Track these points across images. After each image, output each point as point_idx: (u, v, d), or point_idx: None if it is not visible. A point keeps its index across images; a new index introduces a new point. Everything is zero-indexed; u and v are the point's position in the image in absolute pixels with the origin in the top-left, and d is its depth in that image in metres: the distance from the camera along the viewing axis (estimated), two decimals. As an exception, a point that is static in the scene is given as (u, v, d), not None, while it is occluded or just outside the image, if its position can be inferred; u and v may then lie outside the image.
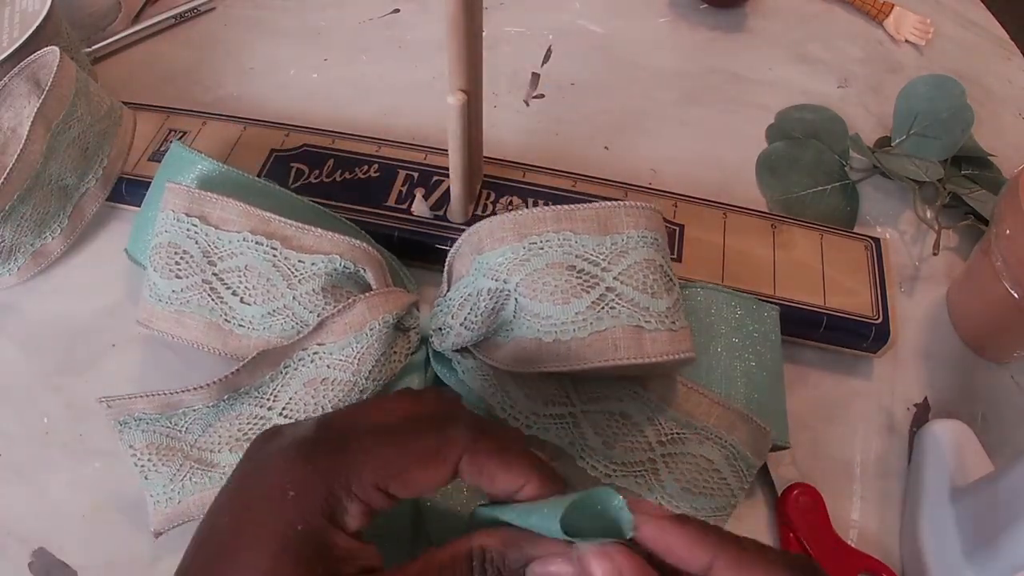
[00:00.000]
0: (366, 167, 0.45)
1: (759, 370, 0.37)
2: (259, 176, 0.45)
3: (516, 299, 0.32)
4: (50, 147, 0.41)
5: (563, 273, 0.31)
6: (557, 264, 0.32)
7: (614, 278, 0.32)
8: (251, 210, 0.36)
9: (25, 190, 0.41)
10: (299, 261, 0.35)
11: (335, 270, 0.35)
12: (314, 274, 0.35)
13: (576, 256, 0.32)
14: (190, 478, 0.34)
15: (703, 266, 0.42)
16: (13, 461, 0.38)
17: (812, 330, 0.41)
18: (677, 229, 0.44)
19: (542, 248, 0.32)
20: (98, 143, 0.44)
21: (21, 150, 0.40)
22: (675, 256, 0.43)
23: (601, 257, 0.32)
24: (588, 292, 0.31)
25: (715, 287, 0.39)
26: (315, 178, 0.45)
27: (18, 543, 0.36)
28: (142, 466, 0.34)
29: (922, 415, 0.42)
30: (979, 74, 0.59)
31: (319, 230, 0.36)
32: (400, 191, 0.44)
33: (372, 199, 0.44)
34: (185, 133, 0.47)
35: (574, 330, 0.31)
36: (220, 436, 0.34)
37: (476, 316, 0.33)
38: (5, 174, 0.40)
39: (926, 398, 0.43)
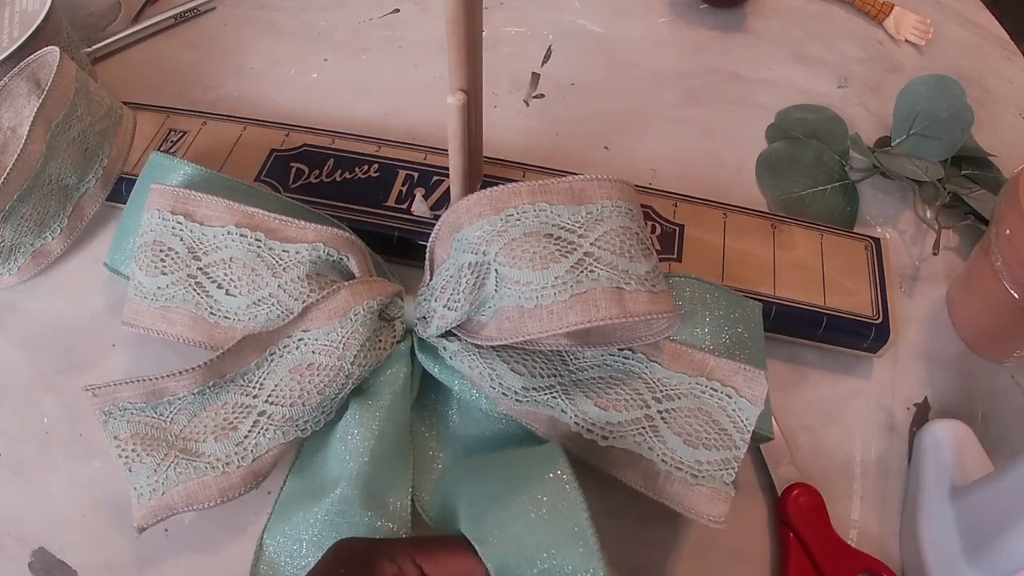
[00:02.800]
0: (366, 167, 0.45)
1: (743, 361, 0.37)
2: (259, 176, 0.45)
3: (496, 269, 0.32)
4: (50, 147, 0.41)
5: (541, 240, 0.32)
6: (534, 233, 0.32)
7: (591, 244, 0.32)
8: (235, 206, 0.36)
9: (25, 190, 0.41)
10: (283, 250, 0.36)
11: (319, 258, 0.36)
12: (298, 262, 0.36)
13: (552, 225, 0.32)
14: (174, 468, 0.34)
15: (703, 266, 0.42)
16: (13, 461, 0.38)
17: (812, 330, 0.41)
18: (677, 229, 0.44)
19: (519, 219, 0.32)
20: (98, 143, 0.44)
21: (21, 150, 0.40)
22: (675, 256, 0.43)
23: (577, 225, 0.32)
24: (566, 257, 0.32)
25: (697, 278, 0.39)
26: (315, 178, 0.45)
27: (18, 543, 0.36)
28: (126, 457, 0.34)
29: (922, 415, 0.42)
30: (979, 74, 0.59)
31: (302, 222, 0.36)
32: (400, 191, 0.44)
33: (372, 199, 0.44)
34: (185, 133, 0.47)
35: (555, 294, 0.31)
36: (206, 425, 0.34)
37: (459, 294, 0.34)
38: (5, 174, 0.40)
39: (926, 398, 0.43)
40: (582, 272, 0.31)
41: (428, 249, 0.36)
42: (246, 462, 0.34)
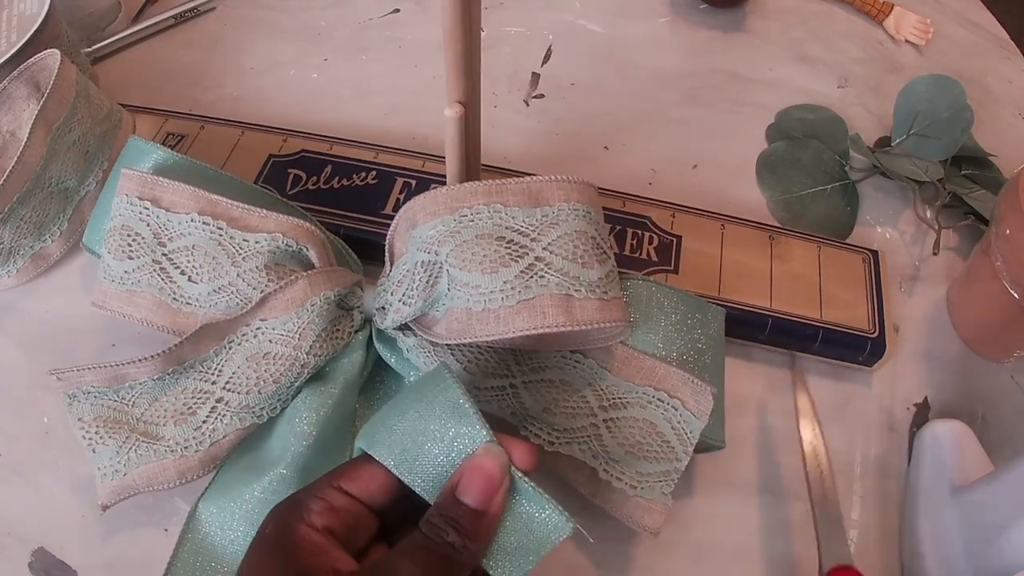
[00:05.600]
0: (364, 174, 0.45)
1: (697, 368, 0.37)
2: (256, 182, 0.44)
3: (447, 270, 0.32)
4: (51, 150, 0.42)
5: (492, 243, 0.32)
6: (486, 235, 0.32)
7: (543, 248, 0.32)
8: (200, 193, 0.37)
9: (25, 192, 0.41)
10: (243, 240, 0.36)
11: (278, 248, 0.36)
12: (257, 252, 0.36)
13: (506, 227, 0.32)
14: (135, 451, 0.35)
15: (700, 278, 0.42)
16: (13, 461, 0.38)
17: (808, 343, 0.41)
18: (675, 240, 0.43)
19: (472, 220, 0.32)
20: (98, 146, 0.44)
21: (21, 152, 0.40)
22: (672, 268, 0.42)
23: (531, 228, 0.32)
24: (517, 261, 0.32)
25: (656, 282, 0.39)
26: (312, 184, 0.44)
27: (18, 543, 0.36)
28: (89, 439, 0.35)
29: (922, 415, 0.42)
30: (979, 74, 0.59)
31: (264, 211, 0.37)
32: (397, 198, 0.44)
33: (369, 207, 0.44)
34: (183, 137, 0.47)
35: (502, 299, 0.31)
36: (166, 410, 0.35)
37: (412, 290, 0.34)
38: (4, 176, 0.40)
39: (926, 398, 0.43)
40: (531, 278, 0.31)
41: (388, 241, 0.37)
42: (204, 447, 0.35)
